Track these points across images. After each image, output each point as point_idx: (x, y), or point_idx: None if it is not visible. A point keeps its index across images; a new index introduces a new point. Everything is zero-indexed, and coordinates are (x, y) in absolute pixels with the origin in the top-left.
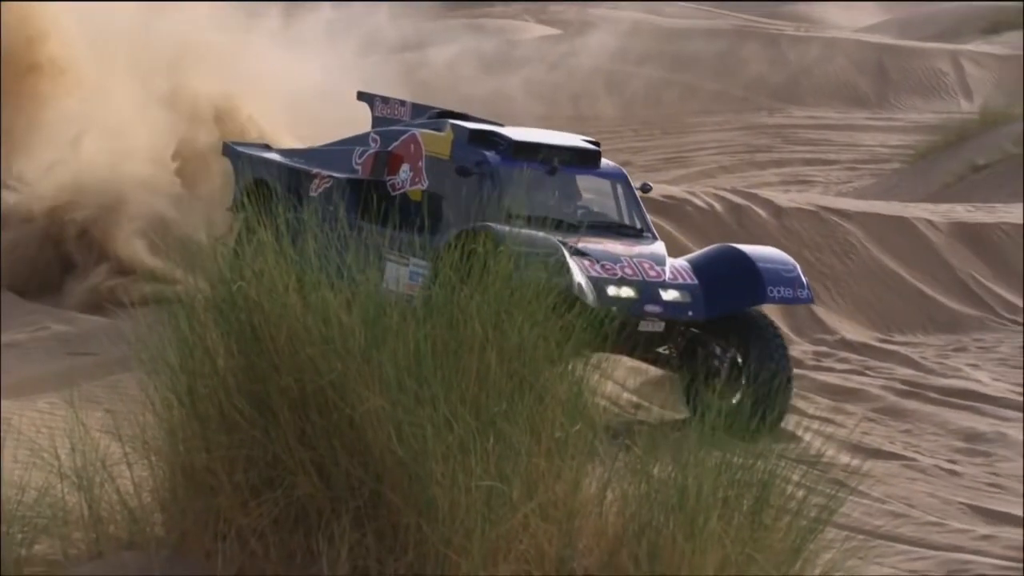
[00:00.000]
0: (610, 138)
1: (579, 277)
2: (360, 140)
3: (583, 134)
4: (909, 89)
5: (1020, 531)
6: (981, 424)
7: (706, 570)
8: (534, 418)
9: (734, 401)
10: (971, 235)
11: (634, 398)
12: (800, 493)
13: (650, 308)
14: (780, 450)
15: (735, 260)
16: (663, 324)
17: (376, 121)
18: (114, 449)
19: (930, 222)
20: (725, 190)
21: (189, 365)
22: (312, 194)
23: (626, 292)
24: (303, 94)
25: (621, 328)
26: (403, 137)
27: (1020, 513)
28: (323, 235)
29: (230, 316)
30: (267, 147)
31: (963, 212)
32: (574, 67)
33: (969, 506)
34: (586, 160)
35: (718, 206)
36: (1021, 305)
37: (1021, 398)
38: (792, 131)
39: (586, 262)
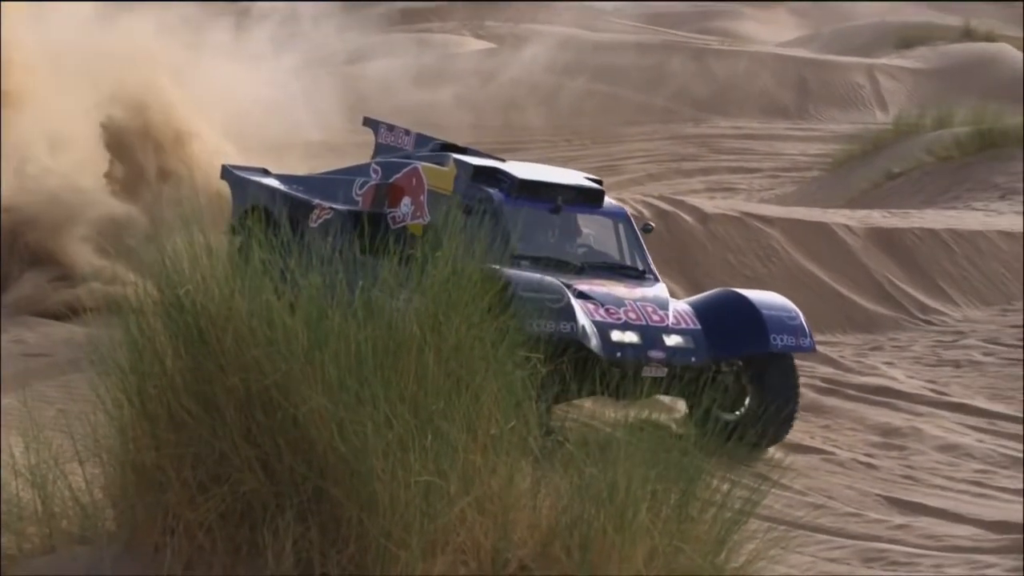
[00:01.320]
0: (544, 147)
1: (584, 322)
2: (361, 171)
3: (516, 143)
4: (828, 101)
5: (932, 520)
6: (896, 419)
7: (635, 561)
8: (470, 416)
9: (737, 414)
10: (886, 239)
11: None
12: (725, 486)
13: (654, 354)
14: (705, 445)
15: (739, 306)
16: (666, 370)
17: (379, 148)
18: (67, 447)
19: (848, 227)
20: (653, 197)
21: (139, 366)
22: (312, 225)
23: (630, 337)
24: (249, 105)
25: (624, 375)
26: (405, 170)
27: (933, 504)
28: (330, 268)
29: (178, 319)
30: (266, 172)
31: (879, 217)
32: (508, 79)
33: (885, 497)
34: (589, 199)
35: (647, 212)
36: (933, 305)
37: (934, 394)
38: (717, 141)
39: (590, 306)
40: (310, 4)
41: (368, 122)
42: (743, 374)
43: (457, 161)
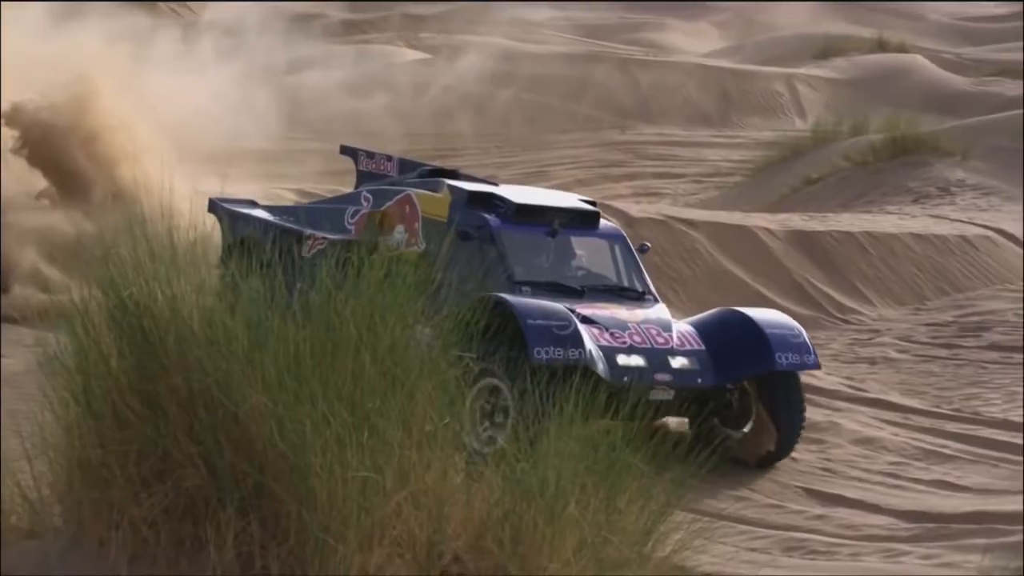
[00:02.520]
0: (476, 154)
1: (591, 347)
2: (351, 199)
3: (449, 151)
4: (749, 109)
5: (850, 511)
6: (816, 414)
7: (564, 551)
8: (406, 413)
9: (745, 430)
10: (805, 242)
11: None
12: (651, 479)
13: (660, 377)
14: (631, 440)
15: (742, 326)
16: (673, 392)
17: (361, 176)
18: (15, 445)
19: (768, 230)
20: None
21: (84, 367)
22: (305, 255)
23: (635, 361)
24: (191, 114)
25: (631, 399)
26: (397, 197)
27: (850, 495)
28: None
29: (122, 321)
30: (253, 203)
31: (798, 221)
32: (441, 89)
33: (804, 489)
34: (586, 221)
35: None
36: (850, 305)
37: (851, 390)
38: (643, 147)
39: (595, 330)
40: (256, 16)
41: (346, 150)
42: (748, 394)
43: (451, 187)
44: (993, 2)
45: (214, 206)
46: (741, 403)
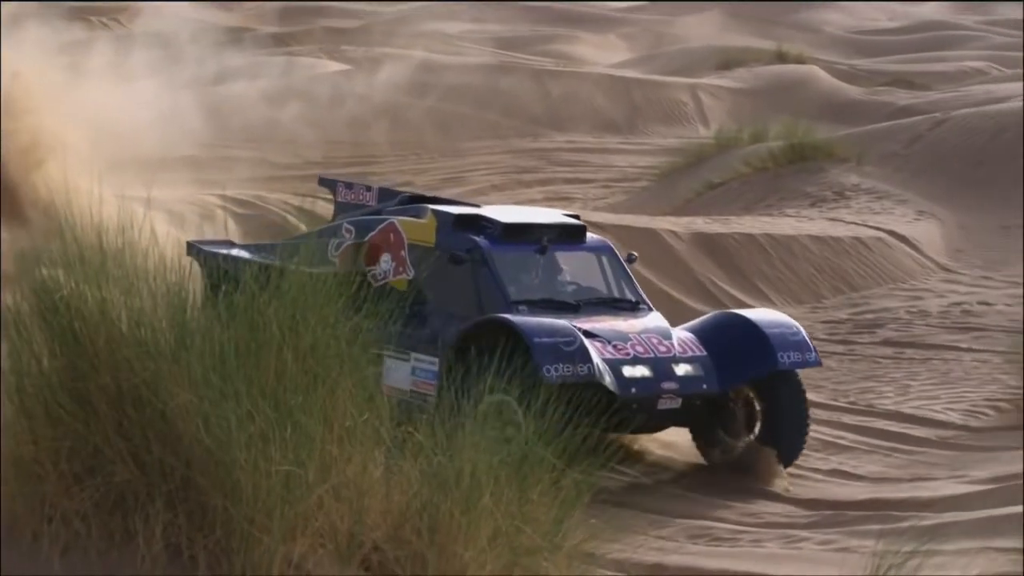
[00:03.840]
0: (394, 161)
1: (597, 361)
2: (332, 231)
3: (368, 158)
4: (655, 117)
5: (751, 499)
6: None
7: (480, 540)
8: (327, 409)
9: (750, 439)
10: (709, 244)
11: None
12: (562, 471)
13: (667, 385)
14: (543, 434)
15: (742, 328)
16: (680, 400)
17: (339, 207)
18: None
19: (674, 232)
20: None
21: (17, 367)
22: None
23: (641, 371)
24: (121, 123)
25: (640, 410)
26: (380, 226)
27: (751, 484)
28: None
29: (53, 322)
30: (230, 243)
31: (702, 224)
32: (361, 99)
33: (708, 480)
34: (573, 236)
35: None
36: (752, 304)
37: None
38: (554, 154)
39: (597, 344)
40: (188, 28)
41: (324, 182)
42: (752, 402)
43: (436, 212)
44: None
45: (192, 248)
46: (745, 412)
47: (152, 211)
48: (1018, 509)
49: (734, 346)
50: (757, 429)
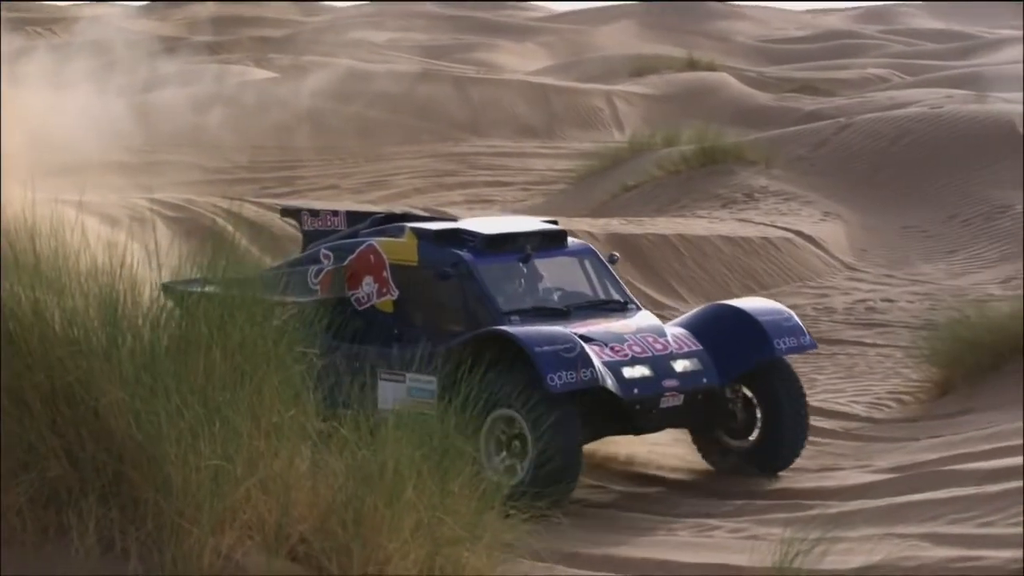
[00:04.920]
0: (320, 165)
1: (598, 365)
2: (310, 259)
3: (294, 162)
4: (572, 122)
5: (666, 490)
6: None
7: (403, 532)
8: (254, 405)
9: (752, 439)
10: (624, 244)
11: None
12: (482, 464)
13: (668, 383)
14: (463, 428)
15: (735, 318)
16: (682, 397)
17: (307, 235)
18: None
19: (590, 233)
20: (419, 209)
21: None
22: (275, 323)
23: (641, 371)
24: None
25: (644, 410)
26: (359, 249)
27: (668, 476)
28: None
29: None
30: (206, 281)
31: (617, 225)
32: (288, 105)
33: (626, 472)
34: (554, 242)
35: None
36: (666, 302)
37: None
38: (474, 158)
39: (595, 347)
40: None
41: (287, 212)
42: (751, 401)
43: (415, 230)
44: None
45: (168, 290)
46: (745, 412)
47: (84, 215)
48: (919, 497)
49: (729, 337)
50: (757, 429)
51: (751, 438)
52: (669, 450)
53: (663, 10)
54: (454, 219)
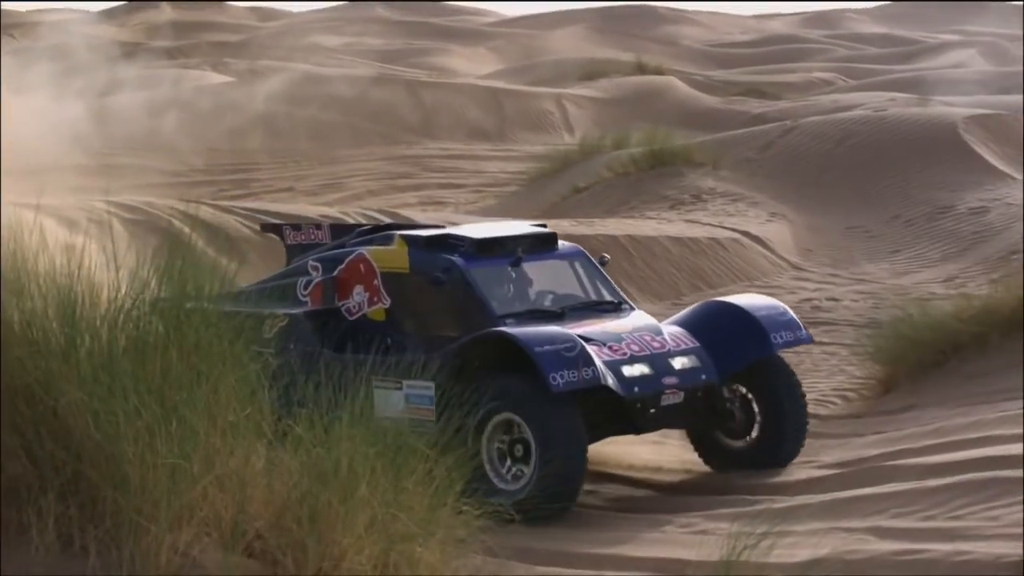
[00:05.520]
0: (275, 167)
1: (599, 364)
2: (298, 271)
3: (250, 165)
4: (523, 125)
5: (617, 486)
6: None
7: (357, 528)
8: (210, 405)
9: (752, 437)
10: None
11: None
12: (435, 461)
13: (668, 381)
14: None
15: (731, 314)
16: (682, 394)
17: (291, 250)
18: None
19: None
20: (373, 210)
21: None
22: (267, 335)
23: (641, 370)
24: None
25: (645, 409)
26: (349, 259)
27: (616, 472)
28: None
29: None
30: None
31: (568, 226)
32: (244, 109)
33: None
34: (545, 244)
35: (366, 224)
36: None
37: None
38: (428, 161)
39: (593, 347)
40: (84, 43)
41: (268, 227)
42: (749, 400)
43: (405, 237)
44: (739, 31)
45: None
46: (743, 411)
47: (43, 217)
48: (863, 492)
49: (726, 334)
50: (756, 427)
51: (751, 437)
52: (621, 448)
53: (612, 15)
54: (441, 227)
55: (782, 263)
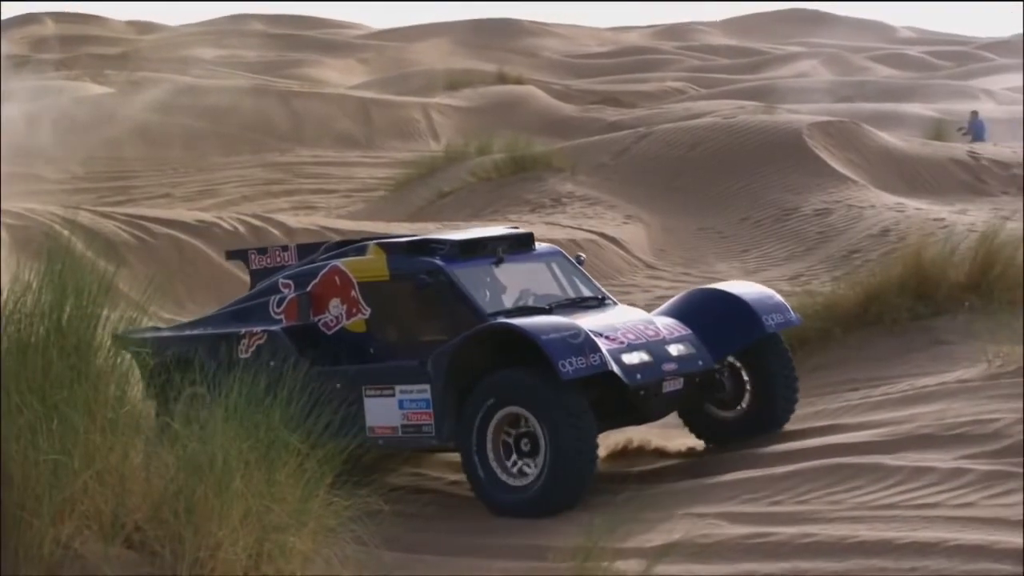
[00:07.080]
0: (152, 175)
1: (604, 350)
2: (269, 290)
3: (128, 172)
4: (391, 133)
5: None
6: None
7: (232, 519)
8: (90, 403)
9: (741, 408)
10: None
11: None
12: (306, 455)
13: (668, 367)
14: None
15: (720, 301)
16: (682, 380)
17: (255, 275)
18: None
19: None
20: (247, 215)
21: None
22: (243, 355)
23: (639, 357)
24: None
25: (647, 396)
26: (322, 273)
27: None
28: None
29: None
30: (157, 328)
31: (434, 229)
32: (121, 119)
33: (447, 462)
34: (524, 245)
35: (241, 228)
36: None
37: None
38: (300, 167)
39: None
40: None
41: (233, 255)
42: (738, 370)
43: (381, 244)
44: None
45: (122, 341)
46: (733, 382)
47: None
48: (715, 479)
49: (717, 320)
50: (746, 398)
51: (741, 406)
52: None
53: (478, 28)
54: (413, 236)
55: (637, 263)
